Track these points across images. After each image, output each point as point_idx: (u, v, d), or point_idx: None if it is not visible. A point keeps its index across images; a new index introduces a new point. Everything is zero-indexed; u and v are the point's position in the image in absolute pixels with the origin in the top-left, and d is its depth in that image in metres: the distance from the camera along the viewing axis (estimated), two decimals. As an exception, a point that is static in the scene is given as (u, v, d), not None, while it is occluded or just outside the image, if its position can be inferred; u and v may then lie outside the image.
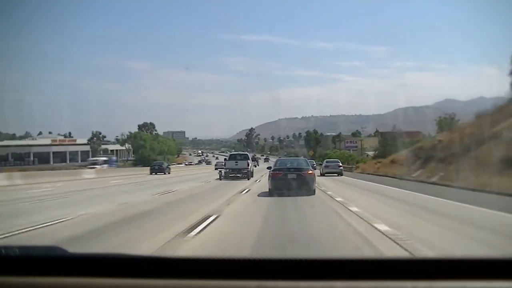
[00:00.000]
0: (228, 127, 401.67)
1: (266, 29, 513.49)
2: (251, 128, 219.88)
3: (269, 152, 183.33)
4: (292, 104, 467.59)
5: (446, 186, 20.42)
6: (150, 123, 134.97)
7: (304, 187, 16.76)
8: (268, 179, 17.64)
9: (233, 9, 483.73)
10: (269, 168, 19.80)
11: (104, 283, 1.72)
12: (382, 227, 8.35)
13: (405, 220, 9.61)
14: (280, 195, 15.95)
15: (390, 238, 7.21)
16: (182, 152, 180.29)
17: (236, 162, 31.71)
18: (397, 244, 6.68)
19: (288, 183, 16.78)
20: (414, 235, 7.49)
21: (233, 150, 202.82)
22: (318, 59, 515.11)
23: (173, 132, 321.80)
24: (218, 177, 31.80)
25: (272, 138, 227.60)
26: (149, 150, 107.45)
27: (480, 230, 8.32)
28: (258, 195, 16.95)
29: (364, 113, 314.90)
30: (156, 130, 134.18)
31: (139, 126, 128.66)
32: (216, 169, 50.85)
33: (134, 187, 24.17)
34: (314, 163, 43.80)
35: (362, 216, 9.98)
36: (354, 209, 11.60)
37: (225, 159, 36.39)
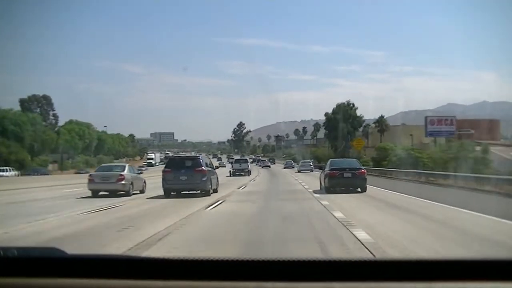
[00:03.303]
0: (224, 131, 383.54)
1: (263, 32, 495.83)
2: (240, 122, 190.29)
3: (262, 154, 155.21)
4: (290, 108, 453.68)
5: None
6: (43, 96, 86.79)
7: (358, 184, 19.17)
8: (324, 178, 19.78)
9: (230, 13, 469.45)
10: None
11: (103, 284, 1.72)
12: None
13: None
14: (335, 192, 18.07)
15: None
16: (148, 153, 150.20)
17: (240, 164, 47.38)
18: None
19: (344, 181, 19.11)
20: None
21: (219, 152, 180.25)
22: (316, 63, 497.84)
23: (160, 134, 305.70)
24: (229, 175, 44.45)
25: (268, 137, 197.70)
26: (29, 144, 62.92)
27: None
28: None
29: (365, 117, 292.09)
30: (54, 110, 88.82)
31: (21, 101, 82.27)
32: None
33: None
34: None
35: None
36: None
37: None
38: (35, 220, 11.20)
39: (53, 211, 13.43)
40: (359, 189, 18.88)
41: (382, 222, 10.01)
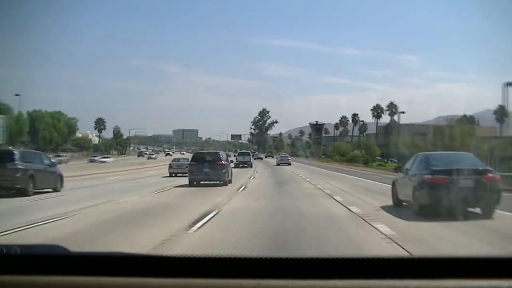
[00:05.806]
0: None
1: (297, 35, 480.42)
2: (263, 110, 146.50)
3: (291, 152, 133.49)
4: (323, 111, 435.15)
5: None
6: None
7: (482, 203, 10.45)
8: (416, 188, 10.91)
9: (263, 14, 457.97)
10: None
11: (106, 282, 1.72)
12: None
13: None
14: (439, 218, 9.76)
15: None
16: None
17: (243, 157, 52.64)
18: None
19: (459, 194, 10.10)
20: None
21: (239, 149, 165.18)
22: (349, 67, 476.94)
23: (183, 131, 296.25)
24: (234, 166, 45.71)
25: (301, 133, 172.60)
26: None
27: None
28: None
29: (401, 121, 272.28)
30: None
31: None
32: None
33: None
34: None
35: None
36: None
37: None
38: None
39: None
40: (479, 210, 10.43)
41: None
